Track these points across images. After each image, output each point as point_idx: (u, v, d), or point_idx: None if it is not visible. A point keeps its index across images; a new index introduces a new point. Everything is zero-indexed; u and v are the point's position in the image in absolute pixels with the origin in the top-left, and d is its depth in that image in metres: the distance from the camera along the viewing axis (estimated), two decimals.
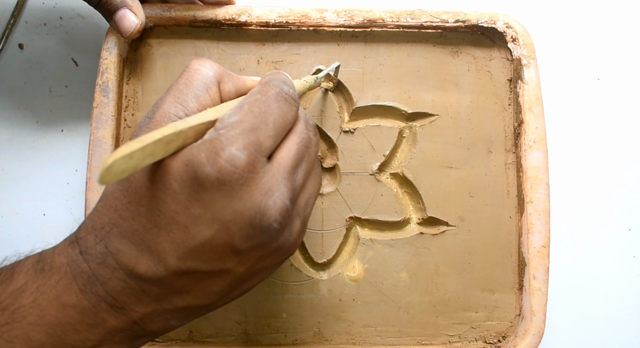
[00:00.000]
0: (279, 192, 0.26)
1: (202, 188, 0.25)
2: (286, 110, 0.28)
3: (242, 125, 0.26)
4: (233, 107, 0.27)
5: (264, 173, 0.26)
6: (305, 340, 0.40)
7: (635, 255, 0.48)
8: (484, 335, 0.41)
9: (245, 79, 0.31)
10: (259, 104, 0.27)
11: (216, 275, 0.27)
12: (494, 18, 0.42)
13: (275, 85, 0.28)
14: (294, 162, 0.27)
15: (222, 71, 0.30)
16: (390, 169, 0.42)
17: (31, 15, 0.48)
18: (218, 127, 0.26)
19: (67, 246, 0.28)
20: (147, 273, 0.26)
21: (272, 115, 0.27)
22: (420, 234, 0.41)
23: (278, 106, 0.27)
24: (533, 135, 0.41)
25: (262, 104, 0.27)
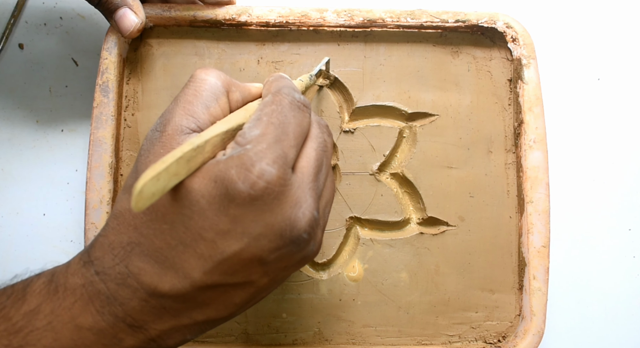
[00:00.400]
0: (306, 203, 0.26)
1: (233, 204, 0.25)
2: (301, 118, 0.28)
3: (267, 138, 0.25)
4: (251, 119, 0.27)
5: (292, 185, 0.26)
6: (305, 340, 0.40)
7: (635, 255, 0.48)
8: (484, 335, 0.41)
9: (250, 87, 0.31)
10: (277, 115, 0.27)
11: (240, 286, 0.27)
12: (494, 18, 0.42)
13: (287, 93, 0.28)
14: (315, 169, 0.27)
15: (229, 80, 0.30)
16: (390, 169, 0.42)
17: (31, 15, 0.48)
18: (241, 142, 0.26)
19: (82, 266, 0.27)
20: (171, 291, 0.26)
21: (290, 125, 0.27)
22: (420, 234, 0.41)
23: (294, 115, 0.27)
24: (533, 135, 0.41)
25: (280, 114, 0.27)
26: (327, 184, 0.30)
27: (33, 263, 0.46)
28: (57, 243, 0.46)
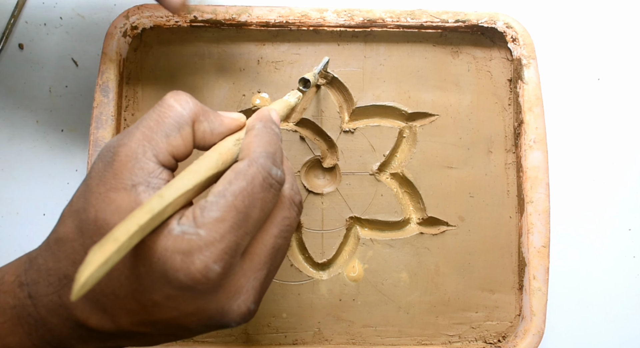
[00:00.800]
0: (245, 296, 0.26)
1: (169, 286, 0.24)
2: (269, 200, 0.26)
3: (223, 226, 0.24)
4: (216, 192, 0.25)
5: (235, 273, 0.25)
6: (305, 340, 0.40)
7: (635, 255, 0.48)
8: (484, 335, 0.41)
9: (223, 117, 0.28)
10: (243, 197, 0.25)
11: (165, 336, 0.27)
12: (494, 18, 0.42)
13: (263, 167, 0.26)
14: (268, 258, 0.26)
15: (198, 109, 0.27)
16: (390, 169, 0.42)
17: (31, 15, 0.48)
18: (197, 221, 0.24)
19: (16, 287, 0.26)
20: (99, 328, 0.25)
21: (254, 210, 0.25)
22: (420, 234, 0.41)
23: (262, 197, 0.25)
24: (533, 135, 0.41)
25: (247, 196, 0.25)
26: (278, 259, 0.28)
27: None
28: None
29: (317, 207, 0.41)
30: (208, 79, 0.42)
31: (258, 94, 0.42)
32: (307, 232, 0.41)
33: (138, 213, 0.23)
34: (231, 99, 0.41)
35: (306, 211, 0.41)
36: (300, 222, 0.41)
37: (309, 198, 0.41)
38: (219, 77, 0.42)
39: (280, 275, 0.40)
